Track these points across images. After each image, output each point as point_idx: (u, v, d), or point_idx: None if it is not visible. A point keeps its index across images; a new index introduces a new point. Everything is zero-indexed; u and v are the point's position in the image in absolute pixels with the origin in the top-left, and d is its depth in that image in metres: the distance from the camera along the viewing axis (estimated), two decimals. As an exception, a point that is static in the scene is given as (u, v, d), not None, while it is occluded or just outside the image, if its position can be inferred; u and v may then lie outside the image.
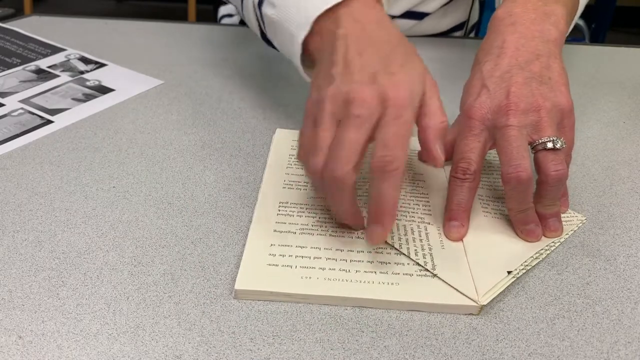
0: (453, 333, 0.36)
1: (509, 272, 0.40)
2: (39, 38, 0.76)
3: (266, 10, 0.50)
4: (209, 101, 0.62)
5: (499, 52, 0.46)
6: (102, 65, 0.70)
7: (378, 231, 0.38)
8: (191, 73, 0.69)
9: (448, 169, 0.50)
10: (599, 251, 0.43)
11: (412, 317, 0.37)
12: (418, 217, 0.44)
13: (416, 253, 0.41)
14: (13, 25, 0.81)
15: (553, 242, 0.43)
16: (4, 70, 0.68)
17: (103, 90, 0.64)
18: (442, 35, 0.84)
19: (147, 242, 0.42)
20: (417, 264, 0.40)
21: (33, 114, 0.59)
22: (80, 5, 3.23)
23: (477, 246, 0.42)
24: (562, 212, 0.45)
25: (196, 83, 0.66)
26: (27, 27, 0.80)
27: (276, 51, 0.54)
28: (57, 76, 0.67)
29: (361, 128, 0.37)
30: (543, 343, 0.36)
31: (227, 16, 0.96)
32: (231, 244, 0.42)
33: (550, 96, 0.43)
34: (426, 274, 0.39)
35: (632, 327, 0.37)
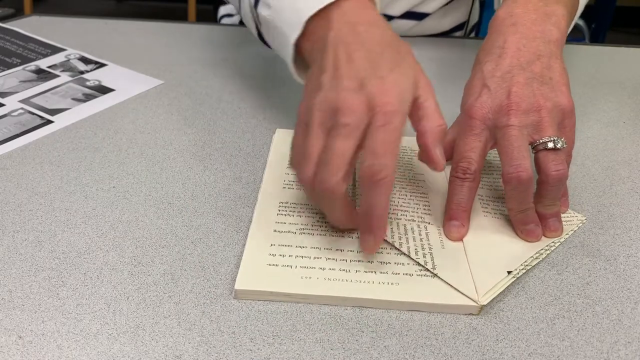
0: (453, 333, 0.36)
1: (509, 272, 0.40)
2: (39, 38, 0.76)
3: (262, 10, 0.50)
4: (209, 101, 0.62)
5: (500, 53, 0.46)
6: (102, 65, 0.70)
7: (370, 241, 0.39)
8: (191, 73, 0.69)
9: (448, 169, 0.50)
10: (599, 251, 0.43)
11: (412, 317, 0.37)
12: (418, 217, 0.44)
13: (416, 252, 0.41)
14: (13, 25, 0.81)
15: (553, 242, 0.43)
16: (4, 70, 0.68)
17: (103, 90, 0.64)
18: (442, 35, 0.84)
19: (147, 242, 0.42)
20: (417, 264, 0.40)
21: (33, 114, 0.59)
22: (80, 5, 3.23)
23: (477, 246, 0.42)
24: (562, 212, 0.45)
25: (196, 83, 0.66)
26: (27, 27, 0.80)
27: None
28: (57, 76, 0.67)
29: (350, 137, 0.37)
30: (543, 343, 0.36)
31: (227, 16, 0.96)
32: (231, 244, 0.42)
33: (551, 96, 0.43)
34: (426, 274, 0.39)
35: (632, 327, 0.37)
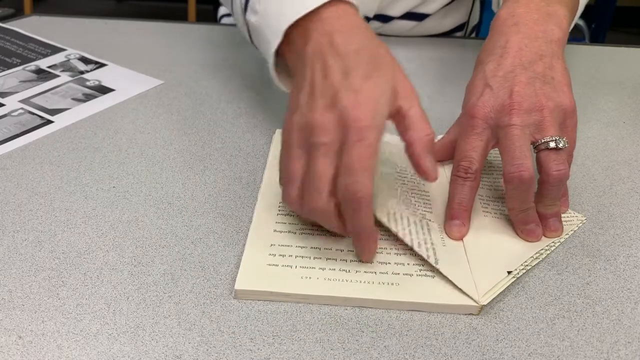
0: (453, 333, 0.36)
1: (509, 272, 0.40)
2: (39, 38, 0.76)
3: (249, 16, 0.50)
4: (209, 101, 0.62)
5: (502, 52, 0.45)
6: (102, 65, 0.70)
7: (366, 254, 0.40)
8: (191, 73, 0.69)
9: (448, 168, 0.50)
10: (599, 251, 0.43)
11: (412, 317, 0.37)
12: (419, 214, 0.44)
13: (419, 245, 0.40)
14: (13, 25, 0.81)
15: (553, 242, 0.43)
16: (4, 70, 0.68)
17: (103, 90, 0.64)
18: (443, 36, 0.84)
19: (147, 242, 0.42)
20: (418, 262, 0.40)
21: (33, 114, 0.59)
22: (80, 5, 3.23)
23: (477, 246, 0.42)
24: (562, 212, 0.45)
25: (196, 83, 0.66)
26: (27, 27, 0.80)
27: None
28: (57, 76, 0.67)
29: (327, 155, 0.37)
30: (543, 343, 0.36)
31: (227, 16, 0.96)
32: (231, 244, 0.42)
33: (553, 96, 0.43)
34: (426, 274, 0.39)
35: (632, 327, 0.37)
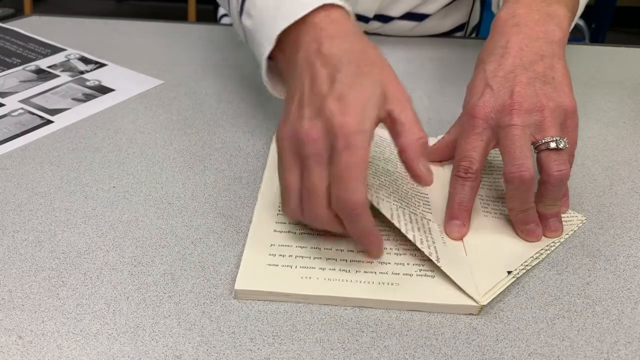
0: (453, 333, 0.36)
1: (509, 272, 0.40)
2: (39, 38, 0.76)
3: (245, 20, 0.50)
4: (209, 101, 0.62)
5: (503, 53, 0.45)
6: (102, 65, 0.70)
7: (373, 252, 0.41)
8: (191, 73, 0.69)
9: (448, 168, 0.50)
10: (599, 251, 0.43)
11: (412, 317, 0.37)
12: (420, 214, 0.44)
13: (421, 242, 0.40)
14: (13, 25, 0.81)
15: (553, 242, 0.43)
16: (4, 70, 0.68)
17: (103, 90, 0.64)
18: (443, 36, 0.84)
19: (147, 242, 0.42)
20: (419, 259, 0.40)
21: (33, 114, 0.59)
22: (80, 5, 3.23)
23: (477, 246, 0.42)
24: (563, 213, 0.45)
25: (196, 83, 0.66)
26: (27, 27, 0.80)
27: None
28: (57, 76, 0.67)
29: (320, 165, 0.37)
30: (543, 343, 0.36)
31: (227, 16, 0.96)
32: (231, 244, 0.42)
33: (554, 96, 0.43)
34: (426, 274, 0.39)
35: (632, 327, 0.37)
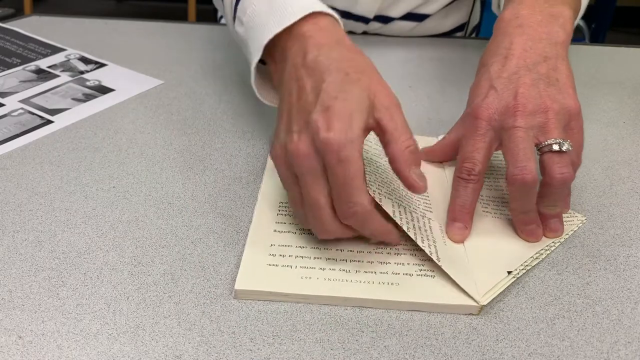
0: (453, 333, 0.36)
1: (509, 272, 0.40)
2: (39, 38, 0.76)
3: (237, 27, 0.50)
4: (209, 101, 0.62)
5: (507, 54, 0.45)
6: (102, 65, 0.70)
7: (392, 242, 0.41)
8: (191, 73, 0.69)
9: (449, 169, 0.50)
10: (599, 251, 0.43)
11: (412, 317, 0.37)
12: (420, 212, 0.44)
13: (422, 241, 0.40)
14: (13, 25, 0.81)
15: (553, 242, 0.43)
16: (4, 70, 0.68)
17: (103, 90, 0.64)
18: (443, 36, 0.83)
19: (147, 242, 0.42)
20: (419, 259, 0.40)
21: (33, 114, 0.59)
22: (80, 5, 3.23)
23: (478, 246, 0.42)
24: (563, 213, 0.45)
25: (196, 83, 0.66)
26: (27, 27, 0.80)
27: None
28: (57, 76, 0.67)
29: (316, 179, 0.37)
30: (543, 343, 0.36)
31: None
32: (231, 244, 0.42)
33: (558, 98, 0.43)
34: (426, 274, 0.39)
35: (632, 327, 0.37)
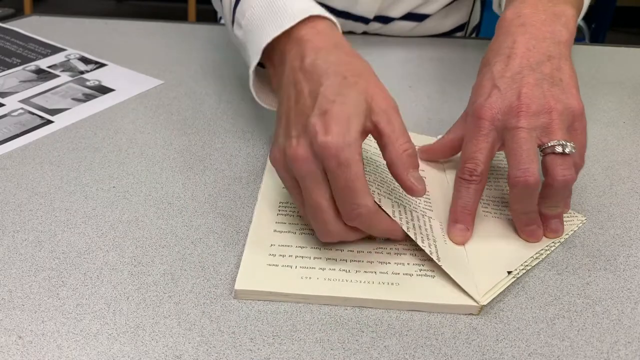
0: (453, 333, 0.36)
1: (509, 272, 0.40)
2: (39, 38, 0.76)
3: (236, 30, 0.50)
4: (209, 101, 0.62)
5: (510, 53, 0.45)
6: (102, 65, 0.70)
7: (399, 238, 0.42)
8: (191, 73, 0.69)
9: (449, 169, 0.50)
10: (599, 251, 0.43)
11: (412, 317, 0.37)
12: (420, 210, 0.44)
13: (422, 241, 0.40)
14: (13, 25, 0.81)
15: (553, 243, 0.43)
16: (4, 70, 0.68)
17: (103, 90, 0.64)
18: (443, 36, 0.84)
19: (147, 242, 0.42)
20: (419, 259, 0.40)
21: (33, 114, 0.59)
22: (80, 5, 3.23)
23: (478, 246, 0.42)
24: (564, 213, 0.45)
25: (196, 83, 0.66)
26: (27, 27, 0.80)
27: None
28: (57, 76, 0.67)
29: (316, 184, 0.38)
30: (543, 343, 0.36)
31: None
32: (231, 244, 0.42)
33: (562, 98, 0.42)
34: (426, 274, 0.39)
35: (632, 327, 0.37)
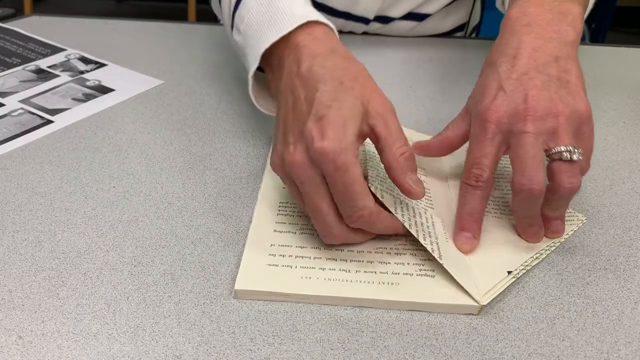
0: (453, 333, 0.36)
1: (509, 272, 0.40)
2: (39, 38, 0.76)
3: (235, 35, 0.50)
4: (209, 101, 0.62)
5: (515, 53, 0.44)
6: (102, 65, 0.70)
7: (401, 233, 0.42)
8: (191, 73, 0.69)
9: (448, 163, 0.50)
10: (599, 251, 0.43)
11: (412, 317, 0.37)
12: (422, 208, 0.44)
13: (425, 238, 0.40)
14: (13, 25, 0.81)
15: (553, 243, 0.43)
16: (4, 70, 0.68)
17: (103, 90, 0.64)
18: (443, 36, 0.83)
19: (147, 242, 0.42)
20: (419, 258, 0.40)
21: (33, 114, 0.59)
22: (80, 5, 3.23)
23: (478, 246, 0.42)
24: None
25: (196, 83, 0.66)
26: (27, 27, 0.80)
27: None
28: (57, 76, 0.67)
29: (316, 188, 0.38)
30: (543, 343, 0.36)
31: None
32: (231, 244, 0.42)
33: (569, 101, 0.41)
34: (426, 274, 0.39)
35: (632, 327, 0.37)
